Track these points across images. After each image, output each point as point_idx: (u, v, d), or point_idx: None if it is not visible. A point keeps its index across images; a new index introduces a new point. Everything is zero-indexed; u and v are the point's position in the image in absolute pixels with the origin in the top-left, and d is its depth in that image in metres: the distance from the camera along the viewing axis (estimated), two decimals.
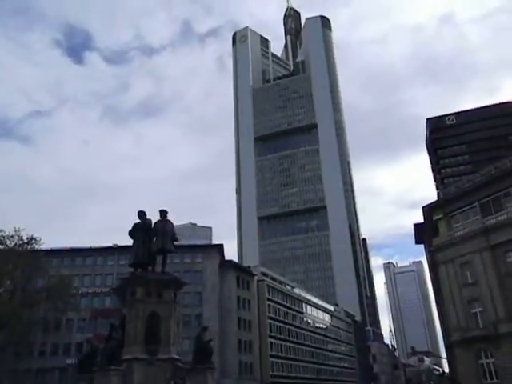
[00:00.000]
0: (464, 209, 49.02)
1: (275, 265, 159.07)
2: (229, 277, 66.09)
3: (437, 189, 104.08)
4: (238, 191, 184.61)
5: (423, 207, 53.93)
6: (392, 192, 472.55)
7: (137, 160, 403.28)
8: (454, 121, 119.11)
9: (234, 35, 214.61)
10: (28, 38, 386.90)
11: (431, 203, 52.37)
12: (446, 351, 65.74)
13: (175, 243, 20.76)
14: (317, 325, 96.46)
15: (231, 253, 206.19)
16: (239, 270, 69.14)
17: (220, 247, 69.44)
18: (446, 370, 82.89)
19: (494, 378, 40.81)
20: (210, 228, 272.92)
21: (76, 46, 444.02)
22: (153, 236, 19.90)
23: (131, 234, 20.15)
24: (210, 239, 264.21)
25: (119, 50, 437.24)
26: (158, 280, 19.16)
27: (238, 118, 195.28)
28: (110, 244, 66.62)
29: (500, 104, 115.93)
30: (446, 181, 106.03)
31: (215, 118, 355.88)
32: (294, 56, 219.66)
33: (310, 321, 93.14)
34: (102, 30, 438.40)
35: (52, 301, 51.98)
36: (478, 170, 55.81)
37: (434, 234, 52.45)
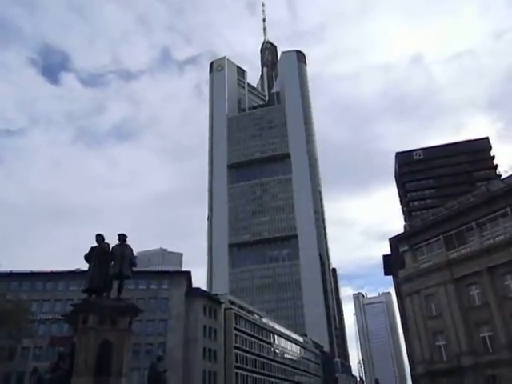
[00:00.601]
0: (429, 241, 49.93)
1: (245, 293, 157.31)
2: (196, 305, 64.62)
3: (405, 221, 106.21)
4: (210, 218, 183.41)
5: (390, 239, 54.69)
6: (363, 223, 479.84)
7: (109, 183, 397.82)
8: (422, 156, 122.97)
9: (212, 64, 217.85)
10: (3, 55, 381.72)
11: (397, 235, 53.15)
12: None
13: (141, 269, 20.14)
14: (285, 355, 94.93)
15: (201, 280, 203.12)
16: (206, 297, 67.74)
17: (187, 274, 68.15)
18: None
19: None
20: (181, 254, 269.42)
21: (52, 65, 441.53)
22: (110, 260, 19.25)
23: (87, 257, 19.46)
24: (180, 265, 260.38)
25: (96, 72, 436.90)
26: (113, 307, 18.41)
27: (213, 145, 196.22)
28: (73, 268, 64.51)
29: (464, 142, 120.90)
30: (413, 213, 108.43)
31: (190, 145, 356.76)
32: (270, 87, 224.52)
33: (277, 351, 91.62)
34: (79, 52, 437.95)
35: (6, 326, 49.39)
36: (443, 204, 57.28)
37: (401, 266, 53.09)
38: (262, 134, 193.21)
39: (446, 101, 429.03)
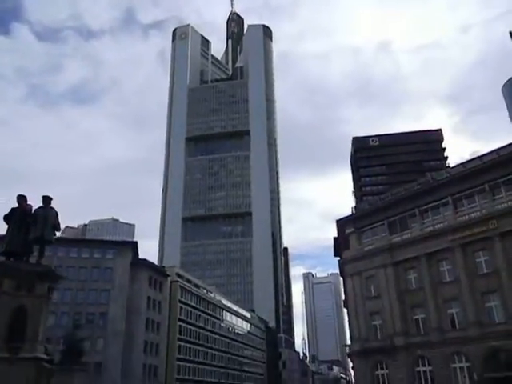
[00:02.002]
0: (374, 225, 51.17)
1: (196, 267, 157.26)
2: (140, 276, 63.60)
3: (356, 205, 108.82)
4: (165, 190, 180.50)
5: (337, 220, 55.54)
6: (320, 205, 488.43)
7: (62, 147, 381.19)
8: (377, 142, 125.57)
9: (175, 31, 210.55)
10: None
11: (344, 217, 54.08)
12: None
13: (84, 237, 18.86)
14: (230, 329, 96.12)
15: (153, 252, 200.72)
16: (152, 269, 66.81)
17: (133, 245, 66.82)
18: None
19: None
20: (133, 225, 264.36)
21: (3, 14, 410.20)
22: (32, 224, 17.99)
23: (6, 218, 18.09)
24: (132, 237, 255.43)
25: (53, 26, 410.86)
26: (31, 271, 17.28)
27: (172, 116, 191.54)
28: None
29: (418, 132, 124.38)
30: (365, 198, 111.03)
31: (150, 113, 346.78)
32: (234, 61, 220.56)
33: (222, 325, 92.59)
34: (34, 2, 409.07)
35: None
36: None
37: (346, 247, 54.30)
38: (223, 108, 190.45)
39: (409, 90, 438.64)
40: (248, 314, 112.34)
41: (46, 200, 18.69)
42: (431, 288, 41.94)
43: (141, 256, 66.78)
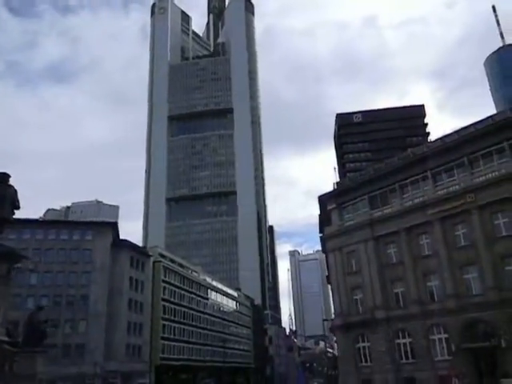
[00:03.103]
0: (355, 201, 51.17)
1: (181, 247, 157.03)
2: (122, 257, 62.98)
3: None
4: (148, 170, 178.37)
5: (319, 196, 55.41)
6: (306, 183, 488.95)
7: (41, 128, 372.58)
8: (361, 119, 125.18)
9: (154, 6, 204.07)
10: None
11: (326, 193, 53.85)
12: None
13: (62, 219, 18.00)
14: (215, 308, 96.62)
15: (138, 233, 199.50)
16: (134, 250, 66.16)
17: (113, 225, 65.99)
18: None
19: (369, 361, 43.41)
20: (117, 207, 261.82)
21: None
22: None
23: None
24: (117, 218, 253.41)
25: (28, 1, 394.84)
26: None
27: (153, 95, 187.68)
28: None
29: (400, 108, 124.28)
30: (348, 175, 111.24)
31: (131, 92, 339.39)
32: (216, 37, 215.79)
33: (208, 303, 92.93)
34: None
35: None
36: None
37: (328, 223, 54.35)
38: (205, 86, 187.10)
39: (394, 66, 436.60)
40: (234, 292, 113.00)
41: (4, 177, 17.81)
42: (411, 262, 42.28)
43: (126, 238, 66.17)
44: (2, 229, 17.66)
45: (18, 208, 17.91)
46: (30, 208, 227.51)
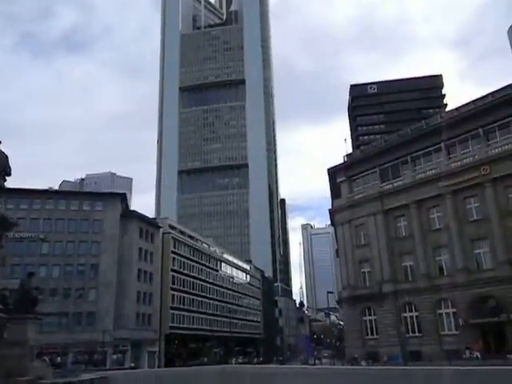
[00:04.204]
0: (365, 173, 50.18)
1: (193, 219, 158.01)
2: (131, 227, 63.26)
3: None
4: (160, 142, 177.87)
5: (328, 169, 54.41)
6: (320, 155, 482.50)
7: (57, 98, 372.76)
8: (375, 90, 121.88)
9: None
10: None
11: (335, 166, 52.86)
12: None
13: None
14: (225, 279, 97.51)
15: (151, 205, 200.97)
16: (143, 221, 66.38)
17: (123, 196, 66.11)
18: None
19: (375, 334, 43.36)
20: (131, 179, 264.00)
21: None
22: None
23: None
24: (130, 190, 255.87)
25: None
26: None
27: (164, 65, 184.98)
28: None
29: (417, 78, 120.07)
30: (361, 147, 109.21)
31: (144, 62, 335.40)
32: (228, 4, 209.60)
33: (218, 275, 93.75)
34: None
35: None
36: None
37: (337, 196, 53.56)
38: (217, 56, 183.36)
39: (414, 34, 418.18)
40: (244, 264, 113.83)
41: None
42: (421, 235, 41.57)
43: (139, 210, 66.24)
44: None
45: (9, 174, 17.43)
46: (45, 179, 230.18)
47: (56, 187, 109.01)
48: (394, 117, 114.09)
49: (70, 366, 50.50)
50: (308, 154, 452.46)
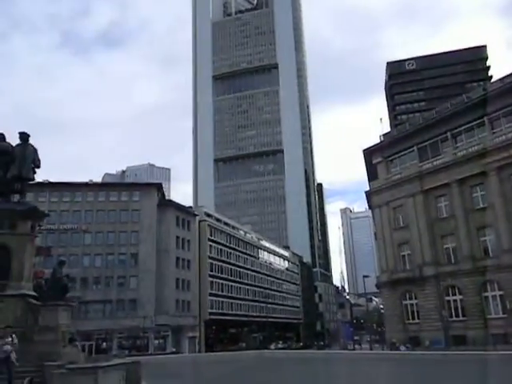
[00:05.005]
0: (403, 153, 48.37)
1: (230, 207, 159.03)
2: (168, 216, 64.22)
3: None
4: (195, 132, 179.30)
5: (364, 150, 52.81)
6: (357, 137, 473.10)
7: (97, 94, 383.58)
8: (414, 66, 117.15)
9: None
10: None
11: (371, 146, 51.20)
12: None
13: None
14: (263, 265, 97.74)
15: (189, 195, 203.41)
16: (179, 209, 67.21)
17: (159, 186, 67.13)
18: None
19: (416, 318, 42.07)
20: (169, 169, 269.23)
21: None
22: (10, 162, 17.11)
23: None
24: (169, 181, 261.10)
25: None
26: (12, 210, 16.64)
27: (197, 54, 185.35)
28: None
29: (460, 50, 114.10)
30: (399, 127, 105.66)
31: (178, 52, 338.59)
32: None
33: (255, 261, 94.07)
34: None
35: None
36: None
37: (374, 178, 52.03)
38: (249, 41, 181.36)
39: (456, 5, 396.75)
40: (282, 250, 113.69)
41: (24, 136, 17.69)
42: (463, 216, 39.69)
43: (178, 199, 67.09)
44: (23, 187, 17.69)
45: (38, 167, 17.83)
46: (90, 172, 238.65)
47: (99, 180, 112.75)
48: (435, 93, 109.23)
49: (114, 351, 52.21)
50: (345, 136, 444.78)
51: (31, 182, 18.64)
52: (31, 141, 17.79)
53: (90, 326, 54.96)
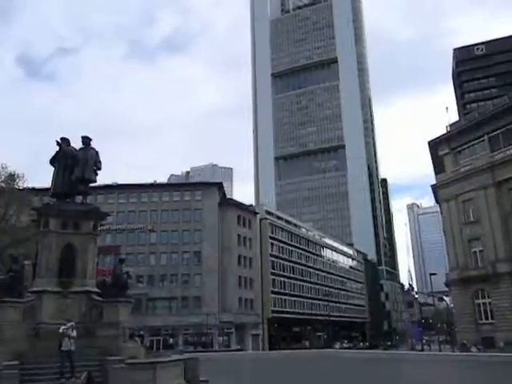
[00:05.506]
0: (472, 143, 45.59)
1: (292, 205, 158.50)
2: (229, 215, 65.24)
3: None
4: (255, 130, 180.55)
5: (429, 142, 50.32)
6: (423, 129, 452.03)
7: (163, 99, 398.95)
8: (484, 51, 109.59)
9: None
10: None
11: (437, 138, 48.63)
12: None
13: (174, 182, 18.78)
14: (326, 263, 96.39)
15: (251, 193, 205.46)
16: (240, 208, 68.04)
17: (219, 185, 68.30)
18: None
19: (490, 318, 39.44)
20: (231, 169, 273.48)
21: None
22: (74, 165, 18.14)
23: (51, 162, 18.44)
24: (231, 180, 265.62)
25: None
26: (75, 211, 17.62)
27: (255, 53, 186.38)
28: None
29: None
30: (467, 116, 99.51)
31: (238, 53, 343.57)
32: None
33: (318, 259, 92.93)
34: None
35: None
36: None
37: (440, 170, 49.43)
38: (307, 37, 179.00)
39: None
40: (345, 248, 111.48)
41: (86, 140, 18.67)
42: None
43: (240, 198, 68.05)
44: (86, 188, 18.64)
45: (99, 168, 18.72)
46: (157, 174, 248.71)
47: (165, 181, 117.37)
48: (507, 79, 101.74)
49: (180, 347, 53.91)
50: (410, 128, 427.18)
51: (96, 184, 19.69)
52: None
53: (158, 321, 57.21)
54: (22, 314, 15.42)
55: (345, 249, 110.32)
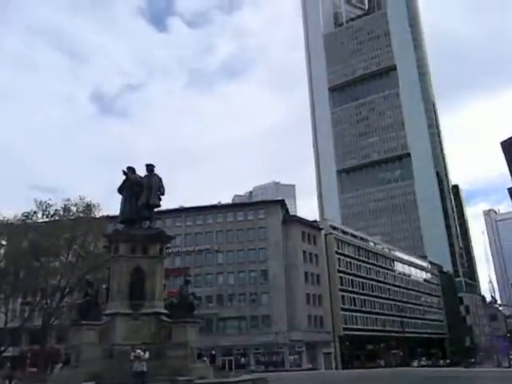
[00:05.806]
0: None
1: (358, 218, 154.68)
2: (293, 232, 64.98)
3: None
4: (315, 145, 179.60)
5: (501, 142, 47.11)
6: (496, 131, 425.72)
7: (224, 123, 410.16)
8: None
9: None
10: (112, 10, 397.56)
11: (510, 137, 45.44)
12: None
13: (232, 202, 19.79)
14: (397, 277, 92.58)
15: (315, 209, 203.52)
16: (304, 224, 67.52)
17: (282, 202, 68.43)
18: None
19: None
20: (293, 186, 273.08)
21: (158, 12, 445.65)
22: (140, 192, 19.23)
23: (120, 191, 19.71)
24: (294, 197, 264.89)
25: (199, 11, 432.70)
26: (143, 235, 18.58)
27: (311, 69, 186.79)
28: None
29: None
30: None
31: (294, 70, 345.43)
32: None
33: (388, 273, 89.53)
34: None
35: None
36: None
37: None
38: (363, 48, 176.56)
39: None
40: (418, 260, 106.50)
41: (150, 167, 19.73)
42: None
43: (304, 214, 67.63)
44: (152, 213, 19.59)
45: (163, 194, 19.68)
46: (221, 196, 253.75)
47: (229, 202, 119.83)
48: None
49: (252, 367, 53.91)
50: (481, 131, 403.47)
51: (163, 209, 20.67)
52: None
53: (228, 341, 57.76)
54: (98, 336, 16.37)
55: (417, 261, 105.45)
